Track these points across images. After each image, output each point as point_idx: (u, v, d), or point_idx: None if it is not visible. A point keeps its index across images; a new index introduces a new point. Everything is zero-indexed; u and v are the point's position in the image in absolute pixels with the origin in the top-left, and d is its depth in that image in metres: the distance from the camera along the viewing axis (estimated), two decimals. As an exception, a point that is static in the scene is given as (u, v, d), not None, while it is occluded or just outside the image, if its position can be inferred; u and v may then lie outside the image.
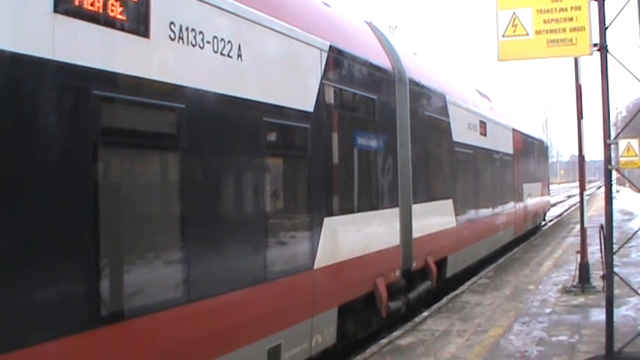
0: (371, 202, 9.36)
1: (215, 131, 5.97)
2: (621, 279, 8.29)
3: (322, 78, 7.93)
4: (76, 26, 4.42)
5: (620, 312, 9.90)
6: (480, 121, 16.38)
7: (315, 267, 7.55)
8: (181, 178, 5.50)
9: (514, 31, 7.84)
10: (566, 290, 12.76)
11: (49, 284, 4.21)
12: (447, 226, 12.95)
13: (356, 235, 8.75)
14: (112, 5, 4.68)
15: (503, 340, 9.15)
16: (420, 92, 11.64)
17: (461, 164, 14.42)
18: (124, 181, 5.16)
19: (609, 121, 8.22)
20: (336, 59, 8.36)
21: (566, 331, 9.57)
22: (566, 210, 42.28)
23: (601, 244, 9.37)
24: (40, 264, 4.16)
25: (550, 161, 49.85)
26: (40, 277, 4.14)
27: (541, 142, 29.86)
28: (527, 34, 7.81)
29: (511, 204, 19.98)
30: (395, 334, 9.70)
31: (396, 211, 10.14)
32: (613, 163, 8.53)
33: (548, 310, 11.07)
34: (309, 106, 7.59)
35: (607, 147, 8.13)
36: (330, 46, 8.15)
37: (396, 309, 9.90)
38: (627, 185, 57.10)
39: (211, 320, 5.78)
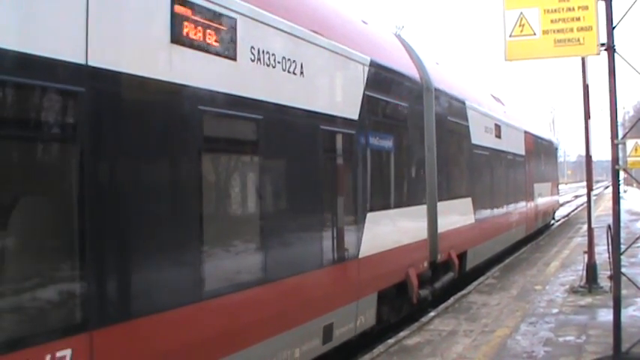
0: (404, 200, 10.56)
1: (284, 138, 7.06)
2: (629, 279, 8.25)
3: (364, 89, 8.96)
4: (185, 53, 5.46)
5: (628, 312, 9.86)
6: (495, 125, 17.34)
7: (360, 256, 8.60)
8: (261, 178, 6.59)
9: (521, 31, 7.83)
10: (573, 290, 12.73)
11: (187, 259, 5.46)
12: (466, 222, 13.95)
13: (392, 229, 9.82)
14: (209, 34, 5.72)
15: (510, 340, 9.14)
16: (443, 99, 12.69)
17: (478, 165, 15.40)
18: (222, 180, 6.37)
19: (617, 121, 8.19)
20: (375, 72, 9.34)
21: (574, 331, 9.55)
22: (573, 210, 42.15)
23: (608, 245, 9.35)
24: (172, 246, 5.29)
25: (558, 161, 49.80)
26: (180, 255, 5.39)
27: (550, 142, 30.69)
28: (535, 34, 7.80)
29: (523, 203, 20.81)
30: (402, 334, 9.70)
31: (424, 208, 11.25)
32: (621, 163, 8.49)
33: (555, 311, 11.05)
34: (354, 114, 8.65)
35: (615, 147, 8.11)
36: (371, 61, 9.19)
37: (425, 296, 11.02)
38: (635, 185, 56.83)
39: (286, 296, 6.96)
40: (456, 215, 13.20)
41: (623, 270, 8.07)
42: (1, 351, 3.76)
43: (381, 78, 9.62)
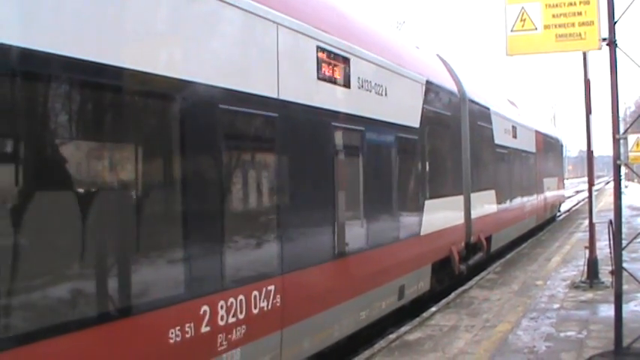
0: (449, 190, 12.84)
1: (377, 144, 9.44)
2: (630, 274, 8.25)
3: (423, 103, 11.29)
4: (322, 85, 7.70)
5: (629, 307, 9.86)
6: (512, 126, 19.66)
7: (421, 234, 10.90)
8: (368, 175, 8.92)
9: (522, 26, 7.82)
10: (574, 286, 12.73)
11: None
12: (491, 211, 16.17)
13: (441, 214, 12.05)
14: (336, 71, 7.95)
15: (512, 335, 9.14)
16: (474, 108, 15.05)
17: (500, 162, 17.66)
18: (349, 175, 8.62)
19: (618, 116, 8.18)
20: (429, 89, 11.65)
21: (575, 326, 9.56)
22: (574, 205, 42.15)
23: (610, 240, 9.34)
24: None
25: (560, 157, 49.98)
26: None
27: (557, 140, 32.89)
28: (536, 29, 7.79)
29: (535, 195, 23.22)
30: (403, 329, 9.70)
31: (461, 197, 13.61)
32: (622, 158, 8.48)
33: (556, 306, 11.07)
34: (416, 122, 10.94)
35: (616, 142, 8.10)
36: (426, 81, 11.54)
37: (462, 270, 13.21)
38: (636, 180, 56.80)
39: (378, 261, 9.18)
40: (484, 205, 15.41)
41: (624, 265, 8.07)
42: (246, 283, 6.15)
43: (432, 93, 11.93)
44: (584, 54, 12.95)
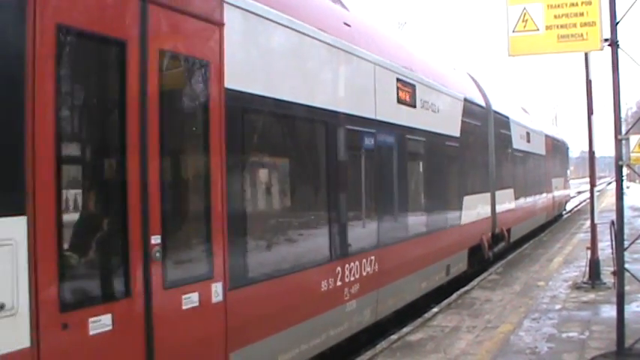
0: (480, 188, 15.23)
1: (433, 151, 11.78)
2: (632, 275, 8.24)
3: (462, 116, 13.77)
4: (400, 107, 10.17)
5: (631, 308, 9.84)
6: (526, 132, 22.00)
7: (461, 224, 13.40)
8: (425, 175, 11.58)
9: (524, 27, 7.82)
10: (576, 286, 12.72)
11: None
12: (510, 207, 18.50)
13: (475, 208, 14.52)
14: (407, 95, 10.36)
15: (514, 336, 9.14)
16: (498, 117, 17.44)
17: (517, 164, 20.11)
18: (413, 177, 11.15)
19: (620, 117, 8.17)
20: (466, 104, 14.18)
21: (577, 327, 9.55)
22: (576, 206, 42.09)
23: (612, 240, 9.33)
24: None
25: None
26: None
27: (563, 143, 35.36)
28: (538, 30, 7.79)
29: (545, 194, 25.80)
30: (405, 330, 9.69)
31: (489, 194, 15.99)
32: (624, 159, 8.47)
33: (558, 307, 11.05)
34: (457, 132, 13.41)
35: (618, 143, 8.09)
36: (464, 97, 14.17)
37: (489, 256, 15.63)
38: (638, 181, 56.71)
39: (435, 244, 11.74)
40: (505, 201, 17.70)
41: (626, 266, 8.07)
42: (359, 253, 8.44)
43: (468, 108, 14.34)
44: (586, 55, 12.93)
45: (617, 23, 7.65)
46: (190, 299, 5.28)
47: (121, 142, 4.71)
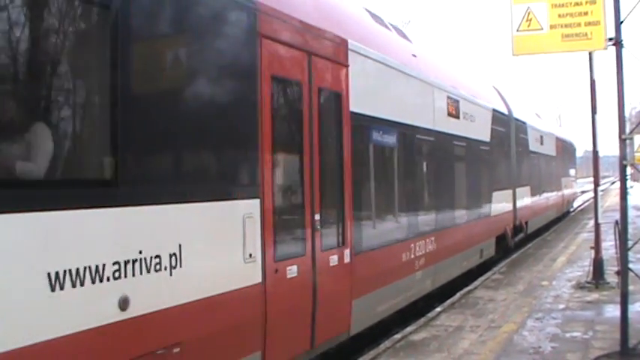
0: (504, 185, 17.47)
1: (471, 153, 14.09)
2: (636, 275, 8.22)
3: (491, 124, 16.10)
4: (449, 119, 12.51)
5: (635, 308, 9.81)
6: (540, 135, 24.24)
7: (491, 215, 15.71)
8: (467, 174, 13.93)
9: (528, 26, 7.81)
10: (580, 286, 12.70)
11: None
12: (528, 202, 20.73)
13: (501, 202, 16.81)
14: (454, 109, 12.90)
15: (517, 336, 9.13)
16: (518, 124, 19.88)
17: (532, 164, 22.36)
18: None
19: (624, 116, 8.15)
20: (494, 114, 16.59)
21: (580, 327, 9.54)
22: (579, 205, 42.03)
23: (615, 240, 9.32)
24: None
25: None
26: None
27: (571, 144, 37.25)
28: (542, 29, 7.78)
29: (555, 192, 27.94)
30: (408, 329, 9.68)
31: (511, 191, 18.24)
32: (628, 158, 8.46)
33: (561, 306, 11.04)
34: (488, 137, 15.76)
35: (622, 142, 8.08)
36: (493, 108, 16.56)
37: (511, 245, 18.00)
38: (641, 181, 56.60)
39: (474, 230, 14.08)
40: (523, 197, 19.97)
41: (630, 266, 8.06)
42: (425, 234, 10.94)
43: (496, 116, 16.67)
44: (590, 54, 12.91)
45: (622, 22, 7.63)
46: (333, 259, 7.48)
47: (300, 150, 6.92)
